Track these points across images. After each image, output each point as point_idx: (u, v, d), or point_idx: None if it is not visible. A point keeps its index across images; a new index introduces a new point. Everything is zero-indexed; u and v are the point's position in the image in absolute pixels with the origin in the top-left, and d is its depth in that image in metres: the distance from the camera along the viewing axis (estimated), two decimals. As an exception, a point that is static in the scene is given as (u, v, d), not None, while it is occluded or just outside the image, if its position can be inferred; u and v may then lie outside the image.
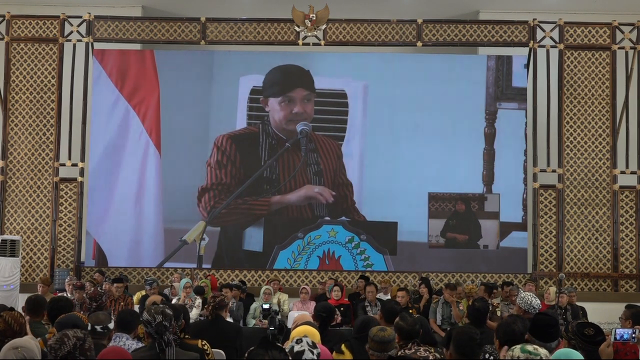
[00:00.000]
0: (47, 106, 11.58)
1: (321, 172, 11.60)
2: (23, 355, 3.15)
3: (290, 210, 11.56)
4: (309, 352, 3.36)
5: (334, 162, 11.67)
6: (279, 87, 11.74)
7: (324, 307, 5.45)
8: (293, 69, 11.83)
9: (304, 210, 11.58)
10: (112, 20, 11.76)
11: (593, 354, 4.02)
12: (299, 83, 11.74)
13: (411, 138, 11.77)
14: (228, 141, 11.61)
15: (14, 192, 11.47)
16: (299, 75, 11.80)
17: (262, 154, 11.63)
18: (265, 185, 11.59)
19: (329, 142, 11.72)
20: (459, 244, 11.60)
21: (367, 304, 8.79)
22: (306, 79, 11.78)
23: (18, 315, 3.89)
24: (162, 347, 3.62)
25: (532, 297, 5.60)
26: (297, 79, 11.77)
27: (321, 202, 11.48)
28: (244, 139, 11.65)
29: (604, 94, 11.63)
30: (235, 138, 11.65)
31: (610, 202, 11.48)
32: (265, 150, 11.63)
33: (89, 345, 3.15)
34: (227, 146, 11.59)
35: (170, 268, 11.23)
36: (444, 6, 12.66)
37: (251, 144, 11.63)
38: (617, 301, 10.17)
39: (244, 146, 11.62)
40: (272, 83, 11.76)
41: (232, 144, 11.61)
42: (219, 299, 5.81)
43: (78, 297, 8.32)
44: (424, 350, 4.15)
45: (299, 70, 11.82)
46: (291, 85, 11.76)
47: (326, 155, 11.65)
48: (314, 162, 11.62)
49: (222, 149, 11.58)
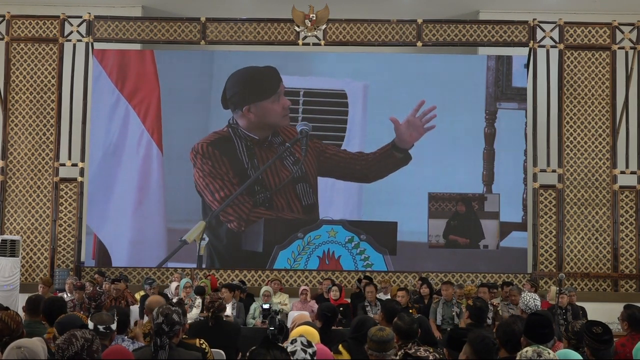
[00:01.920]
0: (47, 106, 11.58)
1: (299, 160, 11.54)
2: (25, 356, 3.16)
3: (290, 211, 11.57)
4: (301, 352, 3.37)
5: (315, 150, 11.62)
6: (239, 96, 11.69)
7: (328, 307, 5.47)
8: (255, 70, 11.78)
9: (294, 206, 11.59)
10: (112, 20, 11.76)
11: (601, 353, 4.01)
12: (274, 79, 11.68)
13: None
14: (208, 148, 11.59)
15: (14, 192, 11.48)
16: (266, 73, 11.74)
17: (241, 156, 11.61)
18: (256, 187, 11.58)
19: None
20: (459, 244, 11.60)
21: (367, 304, 8.80)
22: (275, 74, 11.72)
23: (14, 313, 3.91)
24: (156, 347, 3.66)
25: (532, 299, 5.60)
26: (268, 76, 11.71)
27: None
28: (220, 142, 11.61)
29: (604, 94, 11.63)
30: (212, 144, 11.61)
31: (610, 202, 11.48)
32: (243, 151, 11.61)
33: (97, 346, 3.16)
34: (210, 152, 11.56)
35: (171, 268, 11.24)
36: (444, 6, 12.65)
37: (229, 147, 11.60)
38: (617, 301, 10.16)
39: (224, 150, 11.59)
40: (243, 88, 11.70)
41: (213, 150, 11.57)
42: (218, 304, 5.82)
43: (78, 297, 8.32)
44: (424, 351, 4.15)
45: (264, 69, 11.76)
46: (270, 84, 11.68)
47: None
48: (289, 153, 11.60)
49: (206, 156, 11.53)
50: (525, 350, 3.25)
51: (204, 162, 11.57)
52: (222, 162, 11.57)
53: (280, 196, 11.56)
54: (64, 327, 4.01)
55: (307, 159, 11.60)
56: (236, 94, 11.71)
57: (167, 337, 3.68)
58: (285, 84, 11.78)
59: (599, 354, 3.99)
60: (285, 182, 11.52)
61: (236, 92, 11.72)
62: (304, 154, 11.59)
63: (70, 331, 3.22)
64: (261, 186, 11.57)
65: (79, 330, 3.24)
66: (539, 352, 3.23)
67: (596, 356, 3.99)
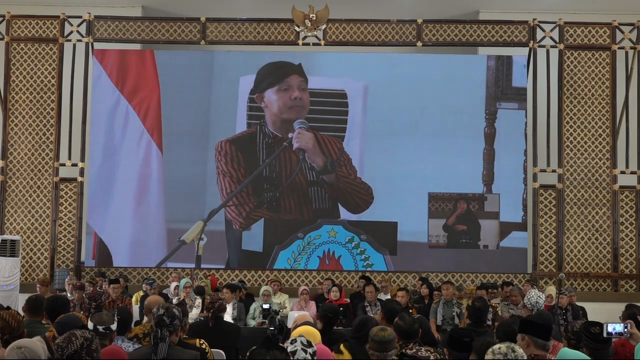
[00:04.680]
0: (47, 106, 11.58)
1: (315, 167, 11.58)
2: (25, 356, 3.18)
3: (290, 211, 11.57)
4: (301, 352, 3.37)
5: (333, 159, 11.62)
6: (272, 77, 11.77)
7: (330, 307, 5.47)
8: (283, 64, 11.85)
9: (305, 210, 11.58)
10: (112, 20, 11.76)
11: (599, 353, 4.01)
12: (293, 72, 11.76)
13: (411, 138, 11.77)
14: (227, 144, 11.61)
15: (14, 192, 11.48)
16: (290, 67, 11.82)
17: (260, 153, 11.64)
18: (265, 185, 11.59)
19: (329, 139, 11.68)
20: (459, 243, 11.60)
21: (367, 304, 8.80)
22: (299, 70, 11.78)
23: (15, 313, 3.95)
24: (156, 341, 3.66)
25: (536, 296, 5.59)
26: (289, 69, 11.79)
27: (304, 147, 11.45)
28: (243, 141, 11.65)
29: (604, 94, 11.63)
30: (234, 141, 11.66)
31: (610, 202, 11.48)
32: (263, 149, 11.63)
33: (96, 346, 3.16)
34: (228, 149, 11.60)
35: (170, 268, 11.24)
36: (444, 6, 12.66)
37: (250, 145, 11.63)
38: (617, 301, 10.17)
39: (244, 148, 11.62)
40: (264, 77, 11.76)
41: (232, 146, 11.61)
42: (218, 304, 5.82)
43: (78, 297, 8.32)
44: (425, 351, 4.15)
45: (289, 65, 11.84)
46: (285, 74, 11.78)
47: (325, 152, 11.61)
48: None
49: (224, 153, 11.57)
50: (498, 346, 3.25)
51: (219, 159, 11.59)
52: (237, 160, 11.57)
53: (291, 197, 11.54)
54: (63, 327, 4.02)
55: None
56: (256, 82, 11.76)
57: (167, 330, 3.69)
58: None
59: (598, 354, 3.99)
60: (289, 180, 11.50)
61: (257, 80, 11.77)
62: (303, 154, 11.59)
63: (71, 330, 3.24)
64: (271, 184, 11.57)
65: (79, 329, 3.25)
66: (513, 348, 3.24)
67: (595, 356, 3.99)
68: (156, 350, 3.65)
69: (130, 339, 4.57)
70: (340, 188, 11.56)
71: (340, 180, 11.55)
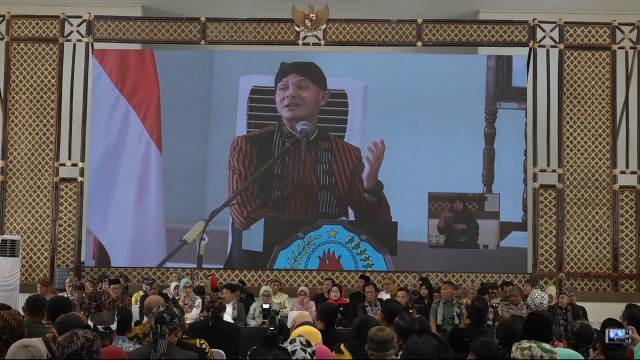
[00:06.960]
0: (47, 106, 11.58)
1: (332, 172, 11.57)
2: (32, 355, 3.18)
3: (295, 211, 11.57)
4: (301, 352, 3.38)
5: (349, 167, 11.62)
6: (280, 76, 11.81)
7: (329, 305, 5.48)
8: (302, 65, 11.87)
9: (310, 212, 11.58)
10: (112, 20, 11.76)
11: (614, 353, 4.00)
12: (294, 70, 11.76)
13: (411, 138, 11.77)
14: (243, 140, 11.62)
15: (14, 192, 11.48)
16: (301, 67, 11.81)
17: (275, 152, 11.65)
18: (275, 183, 11.58)
19: (348, 147, 11.67)
20: (459, 243, 11.60)
21: (367, 304, 8.80)
22: (310, 71, 11.77)
23: (16, 312, 3.94)
24: (155, 337, 3.67)
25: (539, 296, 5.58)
26: (293, 69, 11.78)
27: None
28: (259, 139, 11.66)
29: (604, 94, 11.63)
30: (250, 139, 11.66)
31: (610, 202, 11.48)
32: (278, 148, 11.64)
33: (97, 347, 3.16)
34: (243, 145, 11.60)
35: (170, 268, 11.24)
36: (444, 6, 12.66)
37: (267, 143, 11.63)
38: (617, 301, 10.16)
39: (259, 146, 11.62)
40: (280, 77, 11.80)
41: (247, 143, 11.61)
42: (218, 303, 5.81)
43: (78, 297, 8.31)
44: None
45: (304, 65, 11.83)
46: (288, 73, 11.79)
47: (342, 158, 11.61)
48: (326, 161, 11.60)
49: (238, 149, 11.58)
50: (530, 347, 3.24)
51: (232, 154, 11.59)
52: (250, 157, 11.56)
53: (298, 198, 11.54)
54: (63, 327, 4.01)
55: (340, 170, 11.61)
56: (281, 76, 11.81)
57: (167, 327, 3.70)
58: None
59: (612, 354, 3.97)
60: (290, 176, 11.50)
61: (282, 75, 11.81)
62: (304, 154, 11.58)
63: (73, 329, 3.24)
64: (280, 183, 11.55)
65: (81, 329, 3.25)
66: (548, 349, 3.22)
67: (607, 355, 3.98)
68: (156, 346, 3.66)
69: (130, 339, 4.56)
70: (369, 214, 11.57)
71: (383, 203, 11.58)
